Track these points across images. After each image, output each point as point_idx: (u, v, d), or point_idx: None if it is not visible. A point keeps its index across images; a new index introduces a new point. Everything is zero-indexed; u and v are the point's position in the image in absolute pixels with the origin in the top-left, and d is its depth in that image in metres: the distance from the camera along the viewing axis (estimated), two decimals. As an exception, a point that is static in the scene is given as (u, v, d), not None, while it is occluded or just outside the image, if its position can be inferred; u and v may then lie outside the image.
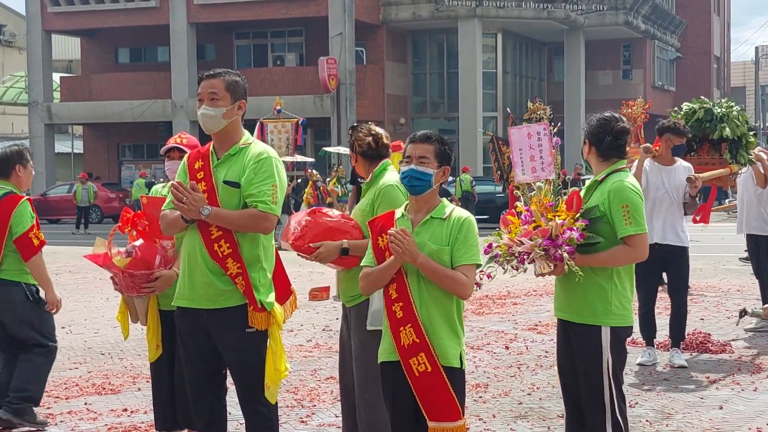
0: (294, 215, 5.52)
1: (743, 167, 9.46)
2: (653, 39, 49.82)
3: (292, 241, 5.25)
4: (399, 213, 4.68)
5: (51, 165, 43.56)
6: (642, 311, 8.59)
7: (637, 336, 8.68)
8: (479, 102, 41.08)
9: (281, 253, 5.26)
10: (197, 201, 4.77)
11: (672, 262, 8.49)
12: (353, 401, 5.49)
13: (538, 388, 7.96)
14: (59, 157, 46.89)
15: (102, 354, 9.78)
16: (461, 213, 4.59)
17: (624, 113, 18.00)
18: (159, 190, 6.10)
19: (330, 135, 38.07)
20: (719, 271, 16.12)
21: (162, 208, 5.06)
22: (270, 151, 4.95)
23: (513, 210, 5.08)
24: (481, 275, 4.80)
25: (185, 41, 40.46)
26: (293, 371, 8.29)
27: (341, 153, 26.09)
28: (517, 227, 4.91)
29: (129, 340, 7.11)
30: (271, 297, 4.96)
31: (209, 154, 4.99)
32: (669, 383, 8.04)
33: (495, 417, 7.13)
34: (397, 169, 4.85)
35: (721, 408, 7.27)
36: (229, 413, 5.31)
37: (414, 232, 4.52)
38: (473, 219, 4.63)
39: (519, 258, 4.84)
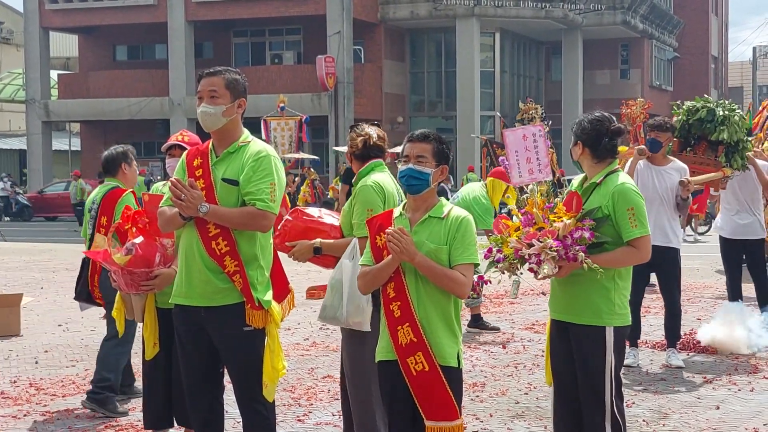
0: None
1: (736, 171, 9.45)
2: (651, 39, 49.86)
3: (273, 240, 5.27)
4: (397, 212, 4.69)
5: (48, 162, 43.55)
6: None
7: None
8: (477, 101, 41.09)
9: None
10: (195, 198, 4.77)
11: (660, 262, 8.35)
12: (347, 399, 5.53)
13: (535, 387, 7.96)
14: (56, 155, 46.86)
15: (99, 352, 9.76)
16: (459, 212, 4.60)
17: (623, 113, 18.03)
18: (159, 188, 6.10)
19: (328, 133, 38.06)
20: (716, 272, 16.12)
21: (159, 205, 5.06)
22: (269, 150, 4.95)
23: (505, 215, 5.08)
24: (482, 283, 4.80)
25: (183, 39, 40.45)
26: (290, 370, 8.29)
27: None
28: (517, 230, 4.88)
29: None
30: (269, 295, 4.96)
31: (208, 151, 4.99)
32: (666, 383, 8.05)
33: (492, 416, 7.13)
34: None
35: (718, 408, 7.27)
36: (226, 411, 5.31)
37: (412, 231, 4.53)
38: (471, 218, 4.63)
39: (530, 260, 4.80)
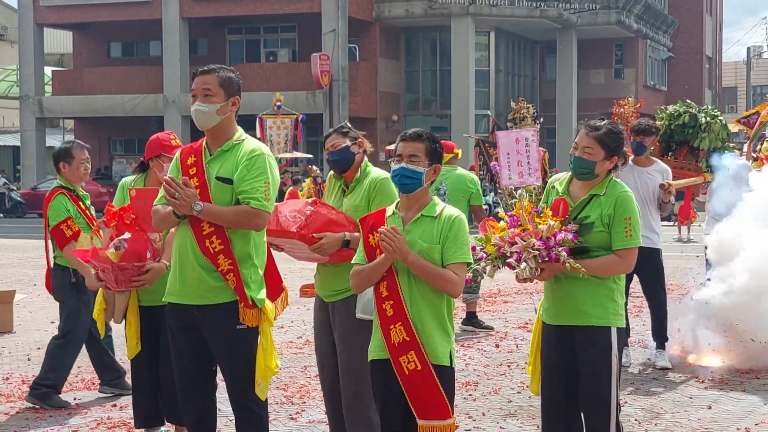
0: (283, 203, 5.48)
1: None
2: (645, 38, 49.87)
3: (296, 230, 5.20)
4: (390, 211, 4.69)
5: (42, 159, 43.43)
6: None
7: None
8: (471, 100, 41.09)
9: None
10: (189, 197, 4.76)
11: (643, 264, 8.31)
12: (337, 398, 5.51)
13: (528, 386, 7.96)
14: (50, 151, 46.59)
15: (92, 349, 9.73)
16: (452, 211, 4.60)
17: (615, 113, 18.07)
18: (129, 182, 6.08)
19: (322, 131, 38.00)
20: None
21: (154, 202, 5.06)
22: (263, 148, 4.94)
23: (492, 218, 5.07)
24: (480, 275, 4.79)
25: (177, 36, 40.37)
26: (283, 368, 8.29)
27: None
28: (503, 231, 4.86)
29: (118, 335, 7.10)
30: (263, 294, 4.96)
31: (202, 149, 4.99)
32: (658, 383, 8.07)
33: (485, 415, 7.14)
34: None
35: (710, 408, 7.29)
36: (219, 409, 5.31)
37: (405, 230, 4.53)
38: (464, 217, 4.64)
39: (510, 256, 4.78)
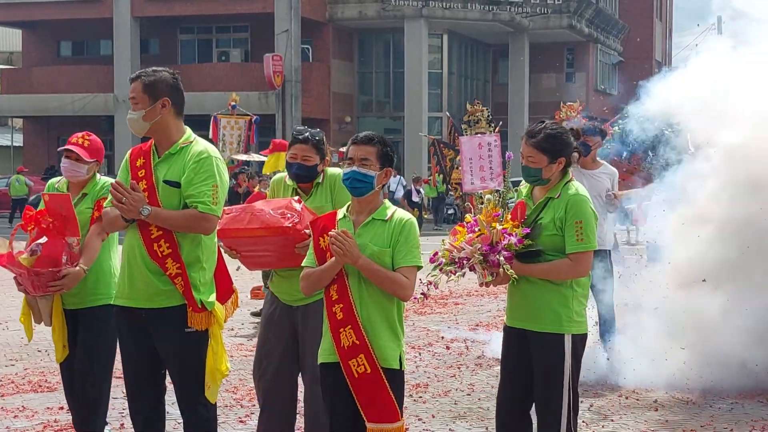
0: (264, 202, 5.43)
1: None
2: (596, 43, 50.32)
3: (291, 225, 5.16)
4: (341, 214, 4.69)
5: (-11, 158, 42.90)
6: None
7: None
8: (425, 102, 41.20)
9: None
10: (137, 201, 4.73)
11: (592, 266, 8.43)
12: (286, 405, 5.50)
13: (477, 388, 8.01)
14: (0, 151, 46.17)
15: (39, 351, 9.64)
16: (403, 215, 4.62)
17: (559, 117, 18.22)
18: (54, 185, 5.99)
19: (275, 132, 37.89)
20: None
21: (104, 204, 5.03)
22: (211, 151, 4.91)
23: (463, 223, 5.10)
24: (428, 286, 4.80)
25: (128, 35, 40.04)
26: (233, 370, 8.25)
27: None
28: (463, 236, 4.90)
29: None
30: (212, 296, 4.93)
31: (151, 151, 4.95)
32: (606, 384, 8.14)
33: (434, 417, 7.17)
34: (273, 169, 4.85)
35: (657, 410, 7.38)
36: (168, 412, 5.28)
37: (356, 233, 4.54)
38: (415, 221, 4.66)
39: (458, 263, 4.81)
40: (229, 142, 28.27)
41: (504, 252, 4.75)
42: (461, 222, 5.18)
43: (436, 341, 10.15)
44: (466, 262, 4.81)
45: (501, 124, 13.59)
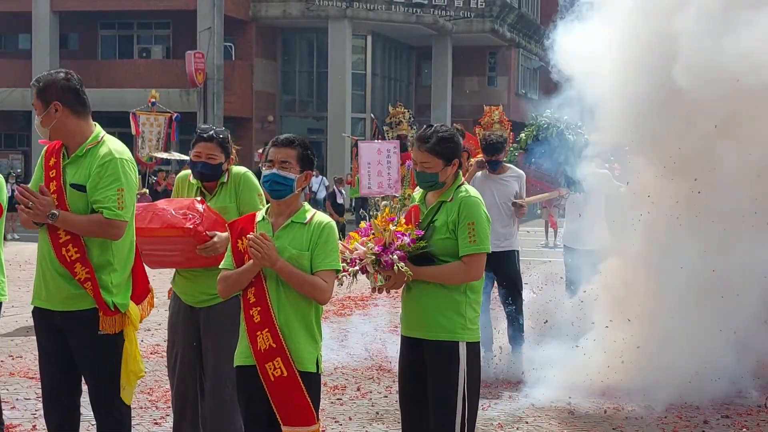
0: (167, 201, 5.38)
1: (571, 192, 9.72)
2: (518, 47, 50.87)
3: (192, 226, 5.12)
4: (260, 216, 4.68)
5: None
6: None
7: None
8: (348, 103, 41.20)
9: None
10: (44, 205, 4.67)
11: (498, 266, 8.54)
12: (194, 408, 5.46)
13: (395, 390, 8.04)
14: None
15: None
16: (322, 218, 4.62)
17: (482, 123, 18.35)
18: None
19: (196, 130, 37.54)
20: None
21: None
22: (116, 152, 4.80)
23: (358, 229, 5.10)
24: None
25: (48, 29, 39.31)
26: (149, 372, 8.17)
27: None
28: (357, 241, 4.87)
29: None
30: (126, 298, 4.87)
31: (61, 152, 4.86)
32: (520, 387, 8.23)
33: (351, 419, 7.18)
34: None
35: (571, 413, 7.49)
36: (82, 414, 5.21)
37: (274, 236, 4.52)
38: (334, 224, 4.66)
39: (350, 263, 4.77)
40: (149, 139, 27.93)
41: (397, 252, 4.71)
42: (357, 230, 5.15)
43: (355, 343, 10.17)
44: (358, 261, 4.77)
45: (416, 127, 13.61)
